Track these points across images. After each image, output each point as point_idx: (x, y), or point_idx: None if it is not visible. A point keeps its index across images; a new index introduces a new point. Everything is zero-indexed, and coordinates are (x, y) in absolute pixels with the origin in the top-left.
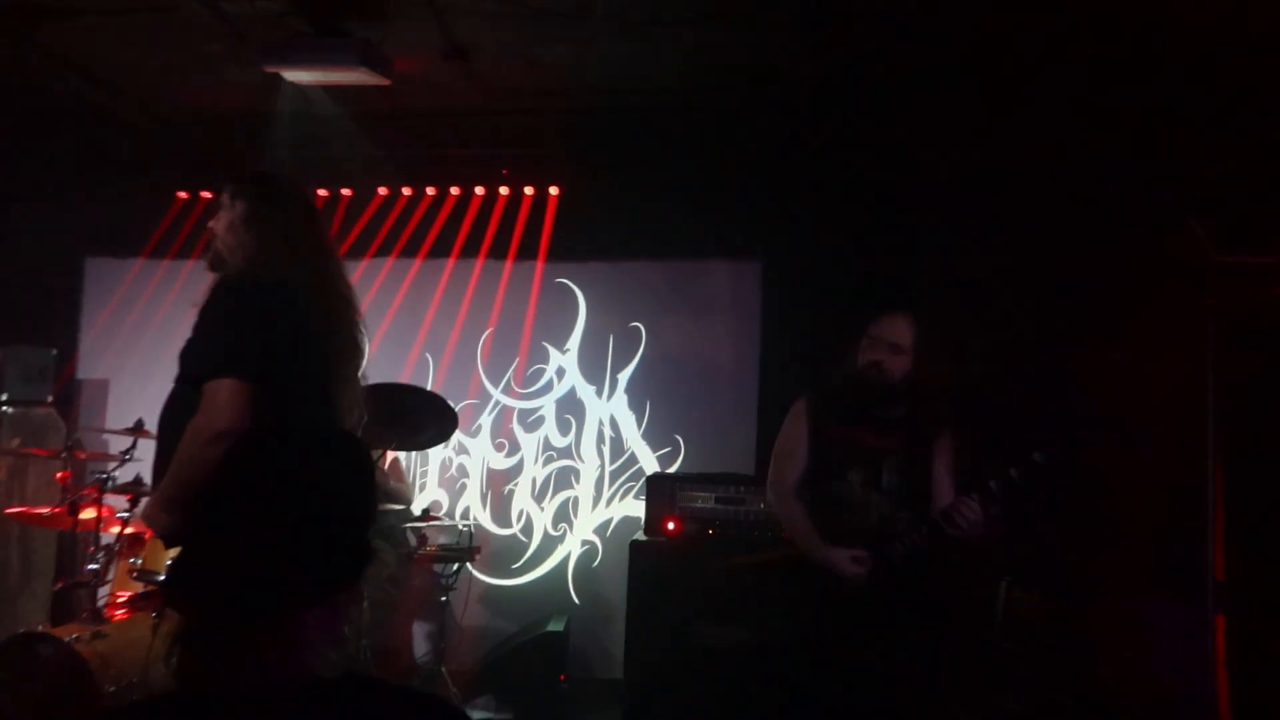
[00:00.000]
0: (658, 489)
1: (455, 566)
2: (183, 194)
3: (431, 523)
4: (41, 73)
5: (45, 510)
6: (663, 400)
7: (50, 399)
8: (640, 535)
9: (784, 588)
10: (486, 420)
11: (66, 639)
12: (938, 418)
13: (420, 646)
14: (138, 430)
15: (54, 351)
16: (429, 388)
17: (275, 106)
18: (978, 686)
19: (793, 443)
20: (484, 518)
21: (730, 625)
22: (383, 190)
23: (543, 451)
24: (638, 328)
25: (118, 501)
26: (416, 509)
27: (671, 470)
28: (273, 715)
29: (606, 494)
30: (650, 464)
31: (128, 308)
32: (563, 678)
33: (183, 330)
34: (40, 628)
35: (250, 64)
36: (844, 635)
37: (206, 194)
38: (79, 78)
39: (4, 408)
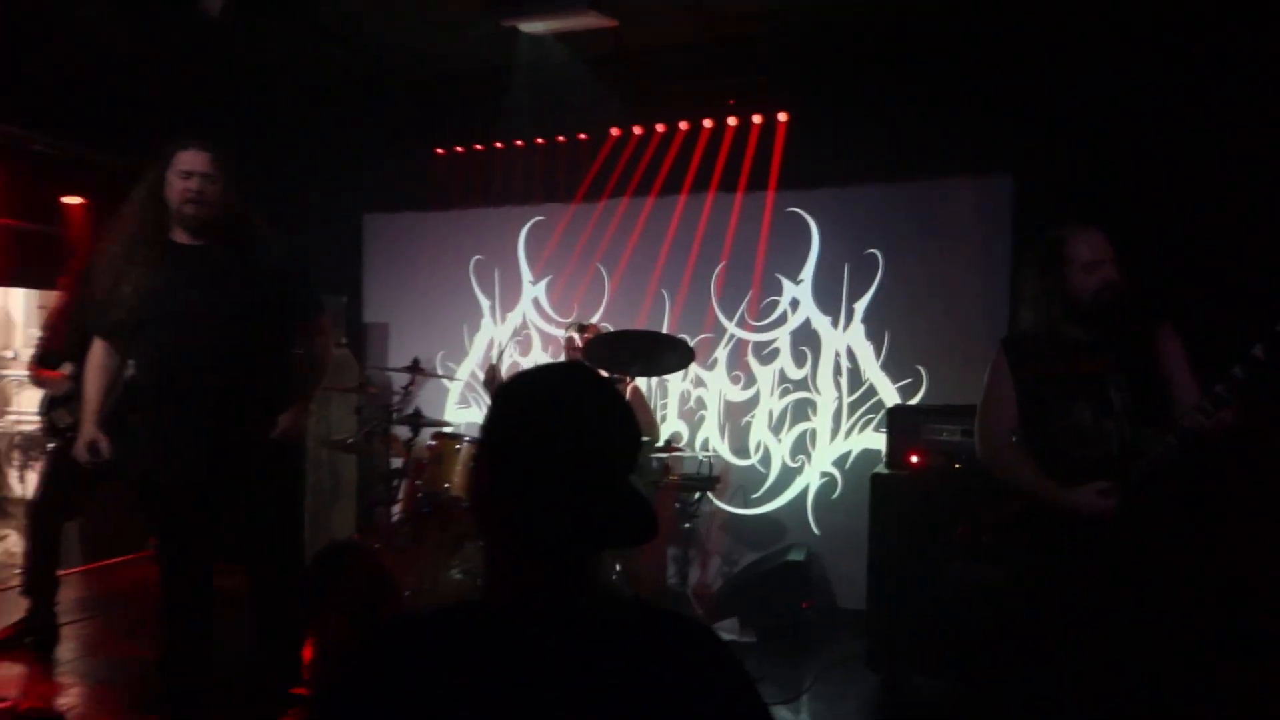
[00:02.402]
0: (900, 421)
1: (697, 495)
2: (439, 150)
3: (674, 453)
4: (313, 48)
5: (346, 439)
6: (903, 330)
7: (345, 341)
8: (881, 468)
9: (1041, 524)
10: (722, 353)
11: (371, 548)
12: (1145, 317)
13: (668, 570)
14: (415, 369)
15: (344, 299)
16: (665, 324)
17: (513, 59)
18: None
19: (997, 392)
20: (723, 449)
21: (980, 562)
22: (615, 131)
23: (779, 384)
24: (874, 254)
25: (401, 431)
26: (659, 440)
27: (913, 402)
28: (567, 634)
29: (845, 426)
30: (890, 396)
31: (401, 256)
32: (806, 605)
33: (445, 277)
34: (351, 537)
35: (489, 20)
36: (1102, 575)
37: (459, 149)
38: (344, 49)
39: None
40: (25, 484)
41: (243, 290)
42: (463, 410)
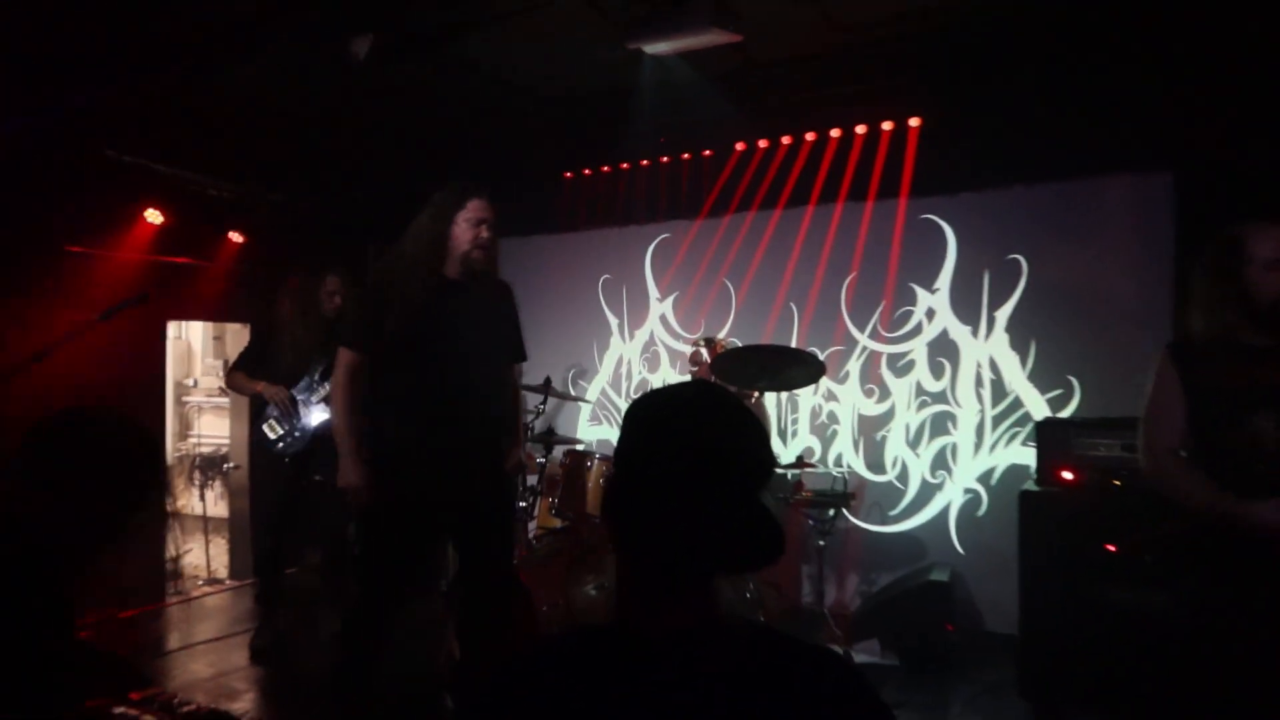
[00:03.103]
0: (1050, 435)
1: (831, 512)
2: (568, 174)
3: (805, 469)
4: (450, 80)
5: None
6: (1050, 339)
7: None
8: (1031, 485)
9: (1211, 548)
10: (854, 366)
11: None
12: None
13: (803, 588)
14: (547, 388)
15: None
16: (793, 338)
17: (638, 80)
18: None
19: (1163, 400)
20: (858, 464)
21: (1145, 587)
22: (740, 146)
23: (915, 396)
24: (1017, 260)
25: (535, 449)
26: (790, 455)
27: (1065, 415)
28: (694, 660)
29: (989, 440)
30: (1039, 408)
31: (533, 279)
32: (950, 628)
33: (574, 297)
34: None
35: (614, 43)
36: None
37: (587, 171)
38: (480, 80)
39: None
40: (205, 502)
41: (499, 328)
42: (595, 428)
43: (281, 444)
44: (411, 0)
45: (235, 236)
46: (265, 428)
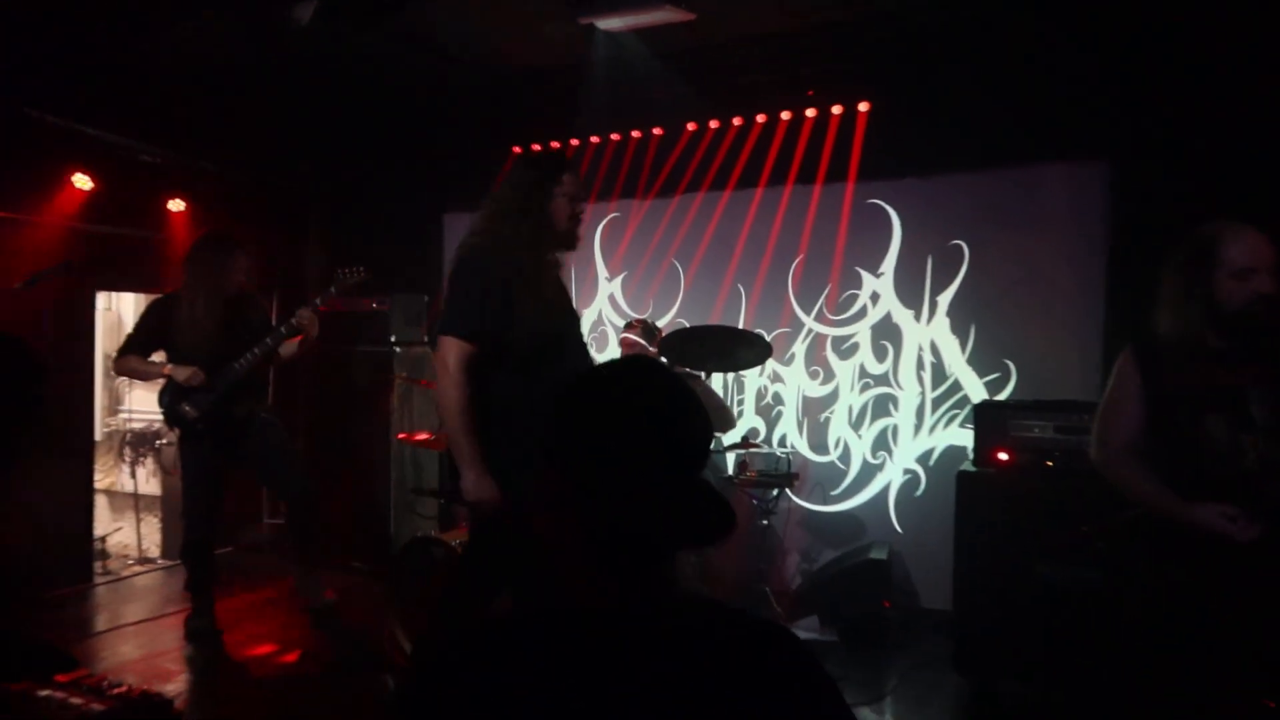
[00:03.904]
0: (987, 417)
1: (775, 492)
2: (517, 148)
3: (750, 449)
4: (397, 51)
5: (428, 435)
6: (989, 323)
7: (425, 338)
8: (968, 465)
9: (1146, 532)
10: (800, 348)
11: (453, 543)
12: None
13: (746, 566)
14: None
15: (426, 298)
16: (741, 319)
17: (590, 56)
18: None
19: (1120, 395)
20: (801, 445)
21: (1077, 565)
22: (691, 126)
23: (859, 379)
24: (959, 246)
25: None
26: (735, 436)
27: (1001, 397)
28: (643, 637)
29: (929, 422)
30: (977, 391)
31: None
32: (888, 604)
33: None
34: (433, 533)
35: (566, 18)
36: (1221, 591)
37: (536, 146)
38: (426, 51)
39: (395, 348)
40: (136, 480)
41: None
42: None
43: (200, 425)
44: None
45: (175, 205)
46: (183, 409)
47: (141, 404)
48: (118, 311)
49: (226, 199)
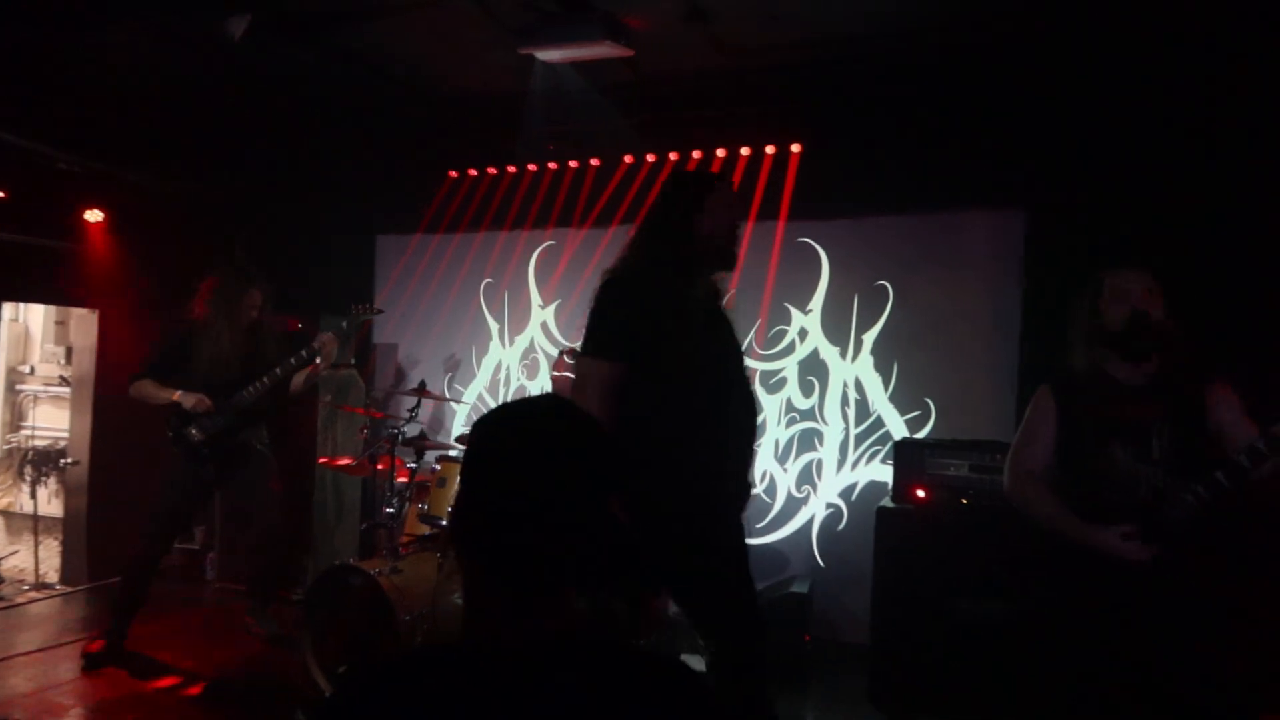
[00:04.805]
0: (906, 454)
1: None
2: (453, 173)
3: None
4: (333, 70)
5: (350, 460)
6: (912, 362)
7: (352, 361)
8: (887, 501)
9: (1051, 561)
10: None
11: (371, 571)
12: (1196, 369)
13: (670, 599)
14: (421, 391)
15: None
16: None
17: (529, 85)
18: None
19: (1035, 426)
20: None
21: (988, 598)
22: (628, 158)
23: (785, 413)
24: (884, 286)
25: (406, 453)
26: None
27: (921, 435)
28: (538, 677)
29: (851, 457)
30: (898, 428)
31: (411, 279)
32: (807, 638)
33: (454, 299)
34: (351, 560)
35: (507, 47)
36: (1118, 618)
37: (473, 171)
38: (362, 71)
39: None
40: (36, 501)
41: (738, 341)
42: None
43: (206, 450)
44: None
45: (92, 216)
46: (189, 432)
47: (47, 420)
48: (25, 323)
49: (149, 211)
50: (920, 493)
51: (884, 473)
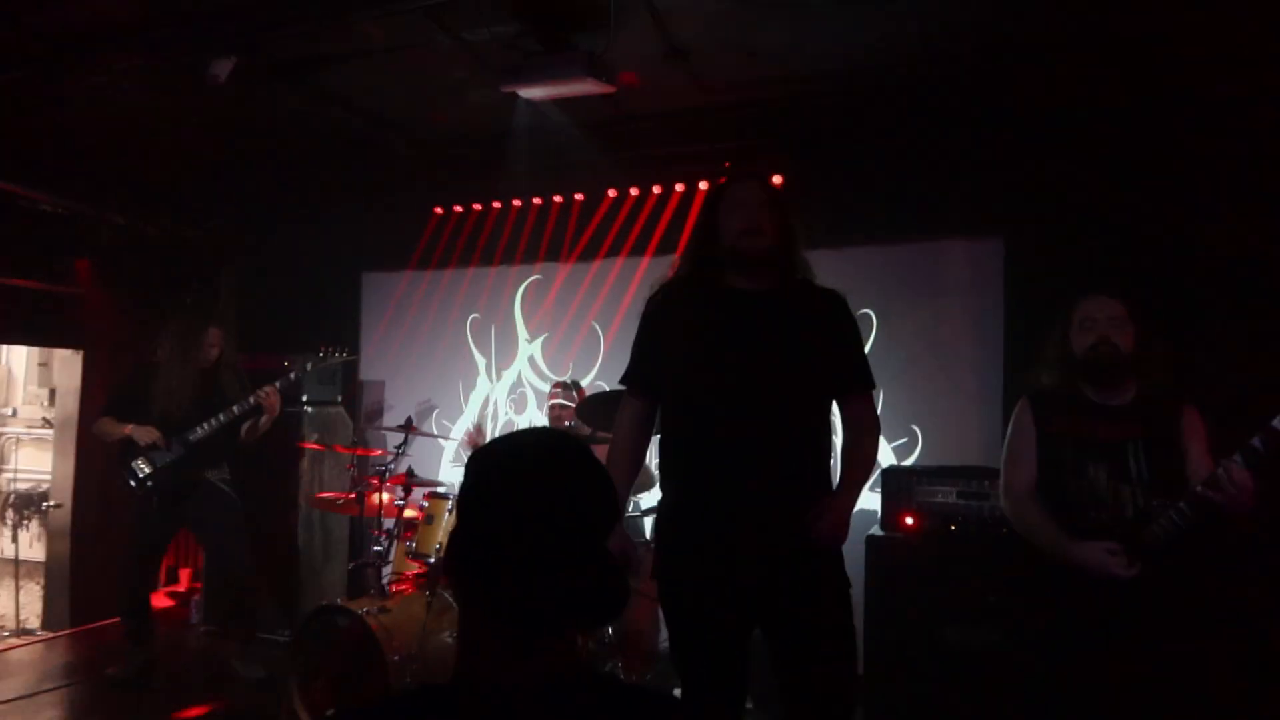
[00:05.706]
0: (894, 482)
1: None
2: (438, 210)
3: None
4: (318, 110)
5: (338, 497)
6: (896, 389)
7: (339, 399)
8: (876, 530)
9: (1040, 586)
10: None
11: (359, 611)
12: (1174, 393)
13: (661, 632)
14: (409, 428)
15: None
16: None
17: (512, 123)
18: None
19: (1019, 444)
20: None
21: (980, 626)
22: (611, 192)
23: None
24: (867, 314)
25: (394, 490)
26: (652, 500)
27: (908, 463)
28: (542, 714)
29: None
30: (886, 456)
31: (399, 315)
32: None
33: (441, 335)
34: (339, 600)
35: (489, 85)
36: (1106, 637)
37: (458, 208)
38: (347, 111)
39: (305, 408)
40: (17, 544)
41: (814, 349)
42: (457, 469)
43: (150, 482)
44: (275, 27)
45: (78, 257)
46: (137, 464)
47: (30, 463)
48: (7, 364)
49: (135, 252)
50: (909, 520)
51: (872, 500)
